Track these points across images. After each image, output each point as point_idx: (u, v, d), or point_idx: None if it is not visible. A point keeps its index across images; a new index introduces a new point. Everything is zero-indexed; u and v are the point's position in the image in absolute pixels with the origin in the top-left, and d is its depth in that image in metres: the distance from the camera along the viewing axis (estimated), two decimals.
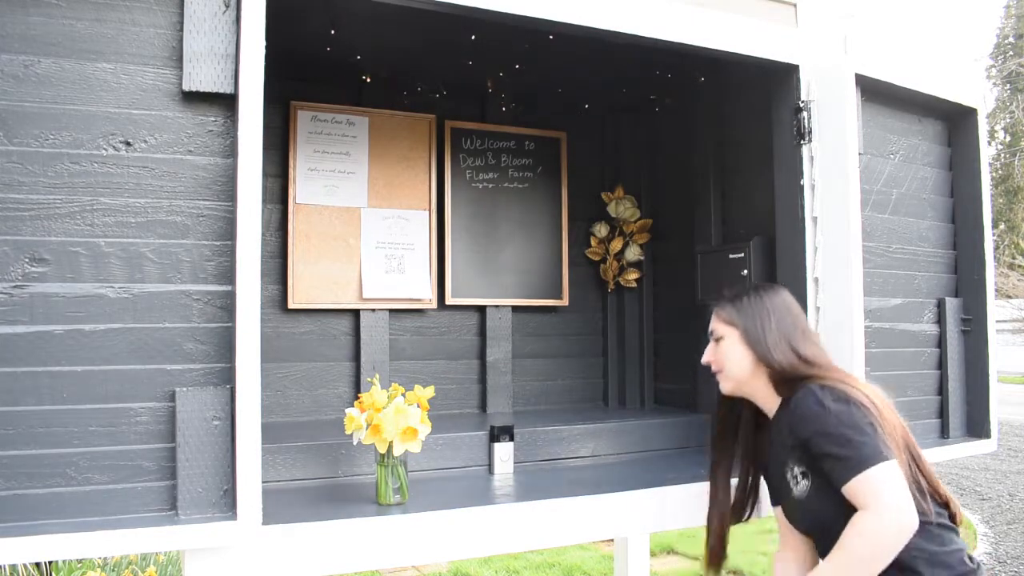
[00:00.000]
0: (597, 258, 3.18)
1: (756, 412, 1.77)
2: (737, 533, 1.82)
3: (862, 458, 1.42)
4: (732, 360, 1.71)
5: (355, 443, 1.80)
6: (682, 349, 2.86)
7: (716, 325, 1.75)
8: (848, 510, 1.44)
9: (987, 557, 5.26)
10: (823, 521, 1.54)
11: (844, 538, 1.43)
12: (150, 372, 1.41)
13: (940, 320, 2.32)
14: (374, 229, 2.80)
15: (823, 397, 1.51)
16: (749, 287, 1.79)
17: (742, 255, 2.36)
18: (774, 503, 1.76)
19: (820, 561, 1.56)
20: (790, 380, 1.62)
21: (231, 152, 1.45)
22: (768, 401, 1.70)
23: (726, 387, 1.75)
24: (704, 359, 1.78)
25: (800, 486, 1.58)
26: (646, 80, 2.82)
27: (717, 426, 1.87)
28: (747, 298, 1.73)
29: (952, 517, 1.55)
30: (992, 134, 27.27)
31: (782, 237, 2.16)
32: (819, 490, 1.53)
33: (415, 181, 2.88)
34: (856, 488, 1.42)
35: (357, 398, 1.81)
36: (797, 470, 1.58)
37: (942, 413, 2.31)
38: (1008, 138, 27.57)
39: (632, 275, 3.11)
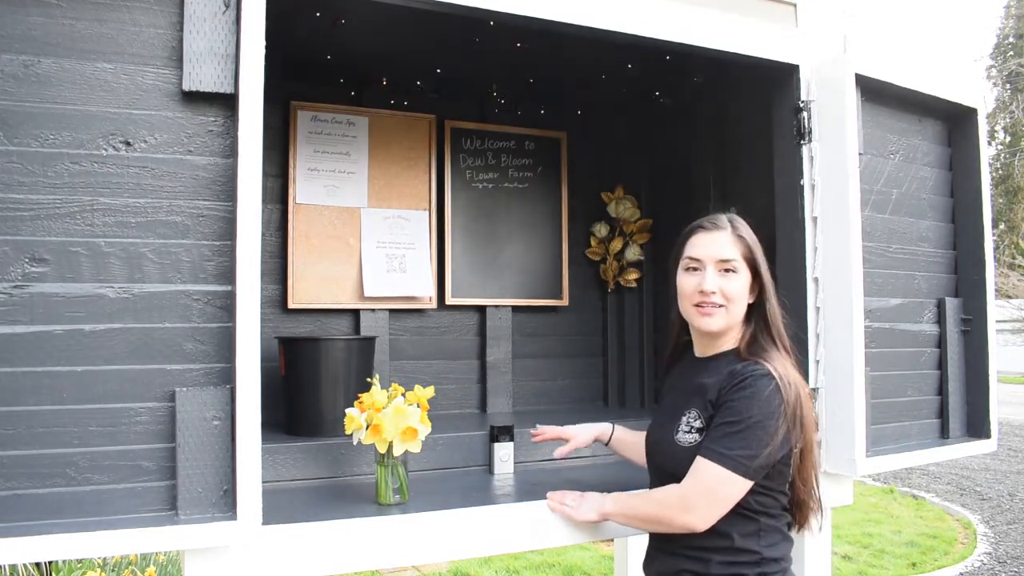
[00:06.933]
0: (597, 258, 3.18)
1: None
2: None
3: (731, 456, 1.45)
4: (739, 301, 1.56)
5: (355, 443, 1.80)
6: None
7: (733, 254, 1.56)
8: None
9: (987, 557, 5.26)
10: (675, 472, 1.54)
11: (652, 492, 1.58)
12: (150, 372, 1.41)
13: (940, 320, 2.32)
14: (374, 229, 2.80)
15: (769, 388, 1.46)
16: (732, 216, 1.62)
17: None
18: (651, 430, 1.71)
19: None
20: (772, 338, 1.56)
21: (231, 152, 1.45)
22: (720, 344, 1.60)
23: (718, 324, 1.56)
24: (709, 286, 1.54)
25: (689, 436, 1.54)
26: (646, 80, 2.82)
27: (670, 356, 1.77)
28: (749, 231, 1.59)
29: (789, 524, 1.60)
30: (992, 134, 27.27)
31: (782, 237, 2.16)
32: (697, 450, 1.51)
33: (415, 181, 2.88)
34: (701, 467, 1.48)
35: (357, 398, 1.81)
36: (696, 422, 1.54)
37: (942, 413, 2.31)
38: (1008, 138, 27.57)
39: (632, 275, 3.11)
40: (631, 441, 1.91)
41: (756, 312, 1.60)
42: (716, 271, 1.56)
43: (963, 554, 5.36)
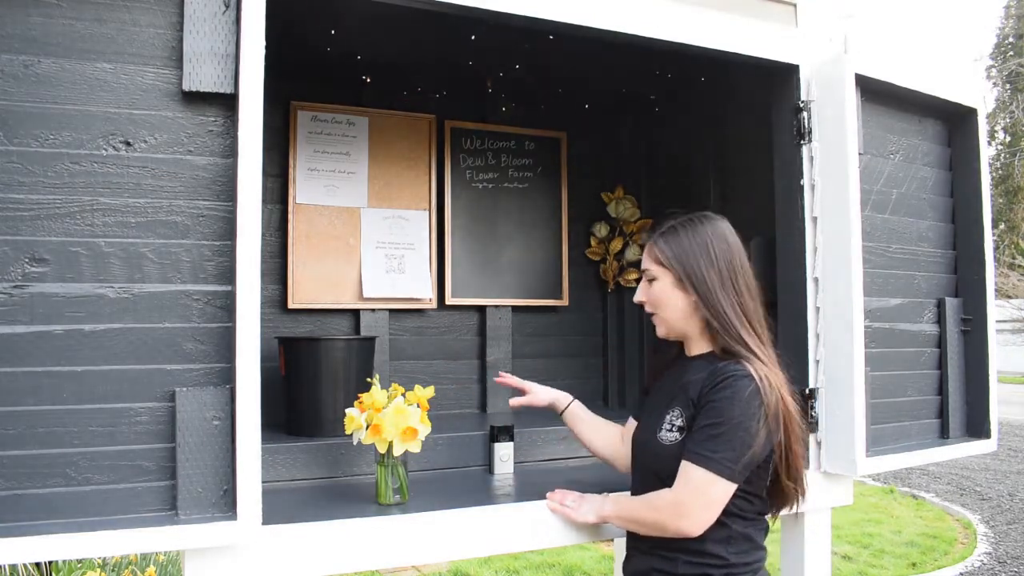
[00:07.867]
0: (597, 258, 3.18)
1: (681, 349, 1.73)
2: None
3: (716, 459, 1.46)
4: (666, 304, 1.61)
5: (355, 443, 1.80)
6: None
7: (648, 265, 1.63)
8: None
9: (987, 557, 5.27)
10: (659, 471, 1.56)
11: (647, 497, 1.57)
12: (150, 372, 1.41)
13: (940, 320, 2.32)
14: (374, 229, 2.80)
15: (749, 390, 1.47)
16: (682, 219, 1.63)
17: None
18: (635, 416, 1.78)
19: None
20: (727, 338, 1.55)
21: (231, 152, 1.45)
22: (698, 344, 1.64)
23: (660, 331, 1.67)
24: (636, 298, 1.68)
25: (671, 435, 1.56)
26: (646, 80, 2.82)
27: (650, 372, 1.82)
28: (683, 233, 1.60)
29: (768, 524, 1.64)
30: (992, 134, 27.29)
31: (782, 237, 2.16)
32: (679, 449, 1.52)
33: (415, 181, 2.88)
34: (688, 472, 1.48)
35: (357, 398, 1.81)
36: (678, 420, 1.56)
37: (942, 413, 2.31)
38: (1008, 138, 27.59)
39: (632, 275, 3.11)
40: (586, 419, 1.89)
41: (703, 306, 1.58)
42: (644, 281, 1.66)
43: (963, 554, 5.36)
